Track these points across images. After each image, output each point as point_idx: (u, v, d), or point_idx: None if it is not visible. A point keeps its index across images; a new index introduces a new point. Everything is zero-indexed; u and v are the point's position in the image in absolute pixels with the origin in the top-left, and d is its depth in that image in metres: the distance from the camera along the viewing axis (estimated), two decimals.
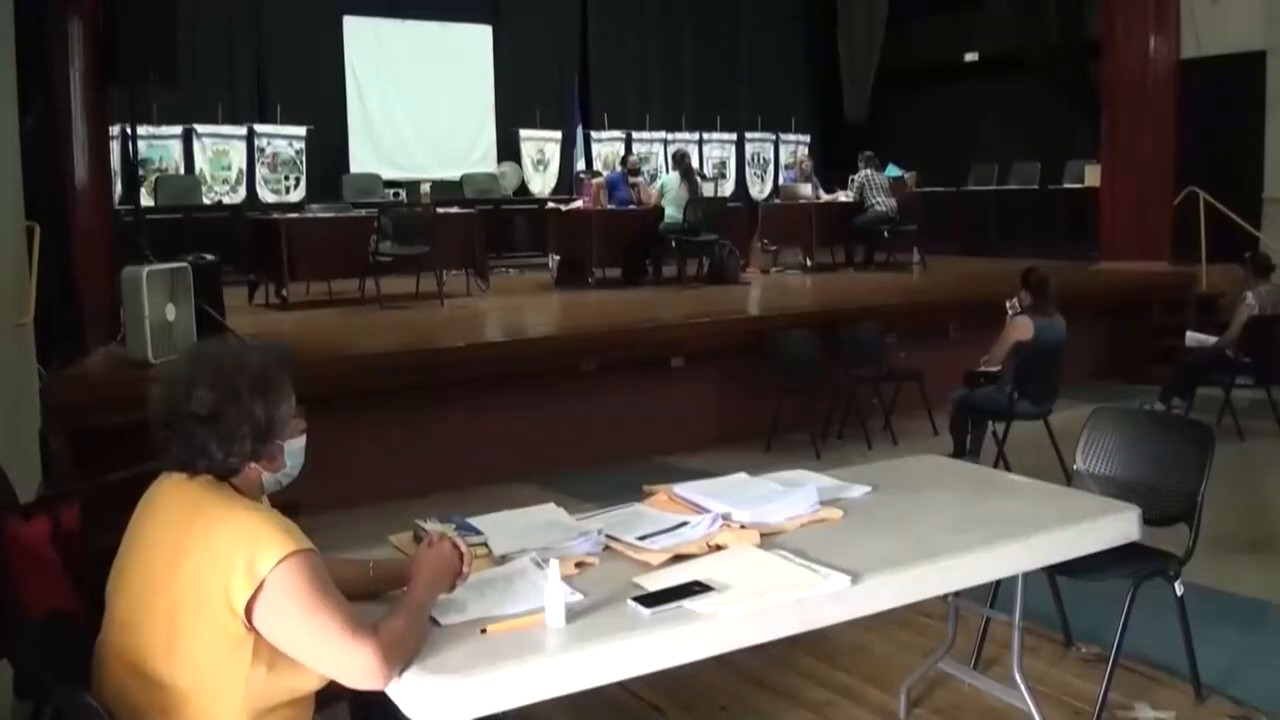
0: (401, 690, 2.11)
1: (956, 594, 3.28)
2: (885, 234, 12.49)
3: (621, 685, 2.33)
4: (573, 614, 2.31)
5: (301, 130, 13.45)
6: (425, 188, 11.99)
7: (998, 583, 3.22)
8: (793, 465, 3.45)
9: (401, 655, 2.12)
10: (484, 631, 2.26)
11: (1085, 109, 13.15)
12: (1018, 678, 3.28)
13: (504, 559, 2.64)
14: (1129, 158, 11.72)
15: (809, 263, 12.65)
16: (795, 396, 7.67)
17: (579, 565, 2.62)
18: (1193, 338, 8.41)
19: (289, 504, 5.74)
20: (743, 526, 2.81)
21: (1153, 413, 4.71)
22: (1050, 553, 2.98)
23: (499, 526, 2.84)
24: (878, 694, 3.83)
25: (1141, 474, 3.86)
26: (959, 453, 6.51)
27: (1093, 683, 3.72)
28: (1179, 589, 3.72)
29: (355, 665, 2.09)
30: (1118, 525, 3.06)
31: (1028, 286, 6.73)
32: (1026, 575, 3.13)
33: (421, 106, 14.55)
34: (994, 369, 6.68)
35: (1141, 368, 9.37)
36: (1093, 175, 12.93)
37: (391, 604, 2.28)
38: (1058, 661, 4.08)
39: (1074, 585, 3.84)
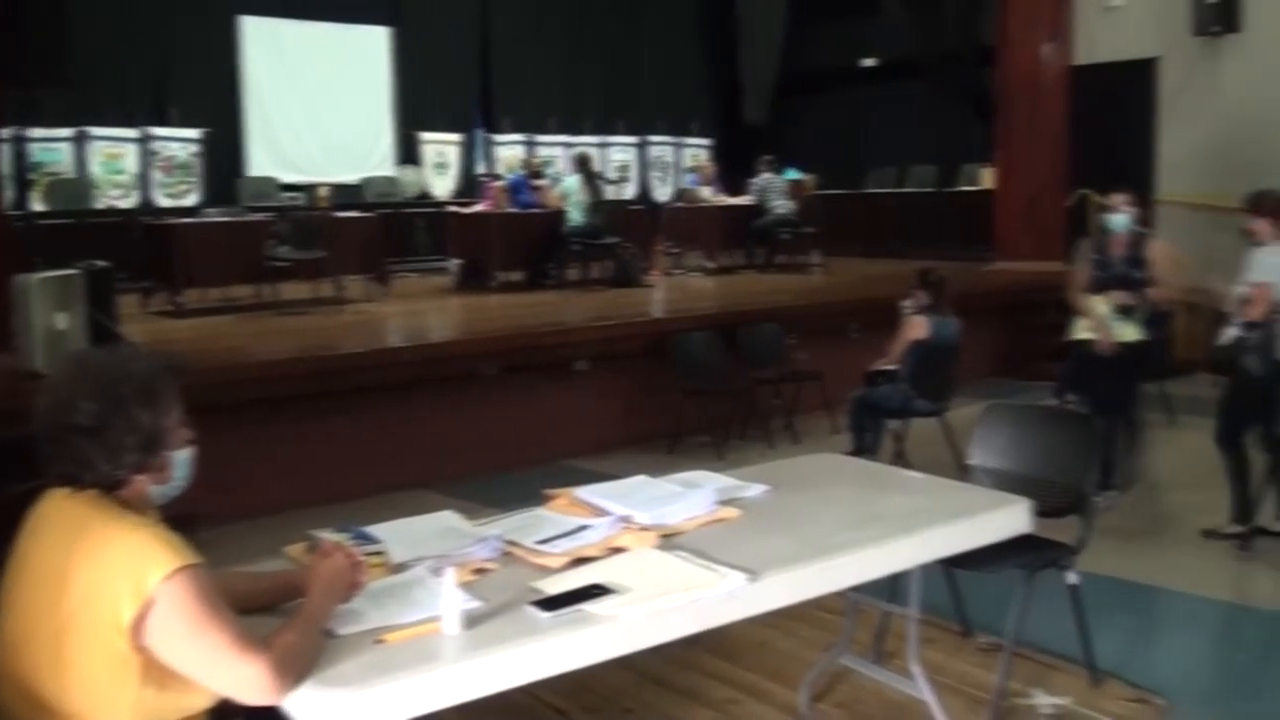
0: (297, 704, 2.07)
1: (855, 589, 3.32)
2: (785, 236, 12.64)
3: (524, 690, 2.31)
4: (471, 620, 2.30)
5: (197, 133, 13.14)
6: (323, 191, 11.82)
7: (896, 577, 3.27)
8: (696, 466, 3.48)
9: (295, 669, 2.09)
10: (380, 641, 2.23)
11: (980, 113, 13.43)
12: (915, 669, 3.34)
13: (402, 567, 2.62)
14: (1023, 161, 12.00)
15: (711, 265, 12.74)
16: (698, 398, 7.72)
17: (478, 571, 2.61)
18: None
19: (186, 515, 5.59)
20: (643, 528, 2.81)
21: (1045, 408, 4.83)
22: (944, 546, 3.04)
23: (396, 534, 2.81)
24: (780, 690, 3.87)
25: (1033, 468, 3.96)
26: (858, 450, 6.60)
27: (990, 672, 3.80)
28: (1071, 578, 3.83)
29: (246, 682, 2.05)
30: (1009, 518, 3.14)
31: (923, 287, 6.86)
32: (923, 569, 3.18)
33: (320, 109, 14.34)
34: (891, 368, 6.80)
35: (1035, 365, 9.60)
36: (988, 178, 13.23)
37: (287, 617, 2.24)
38: (956, 652, 4.17)
39: (971, 577, 3.94)
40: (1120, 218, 6.26)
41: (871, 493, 3.29)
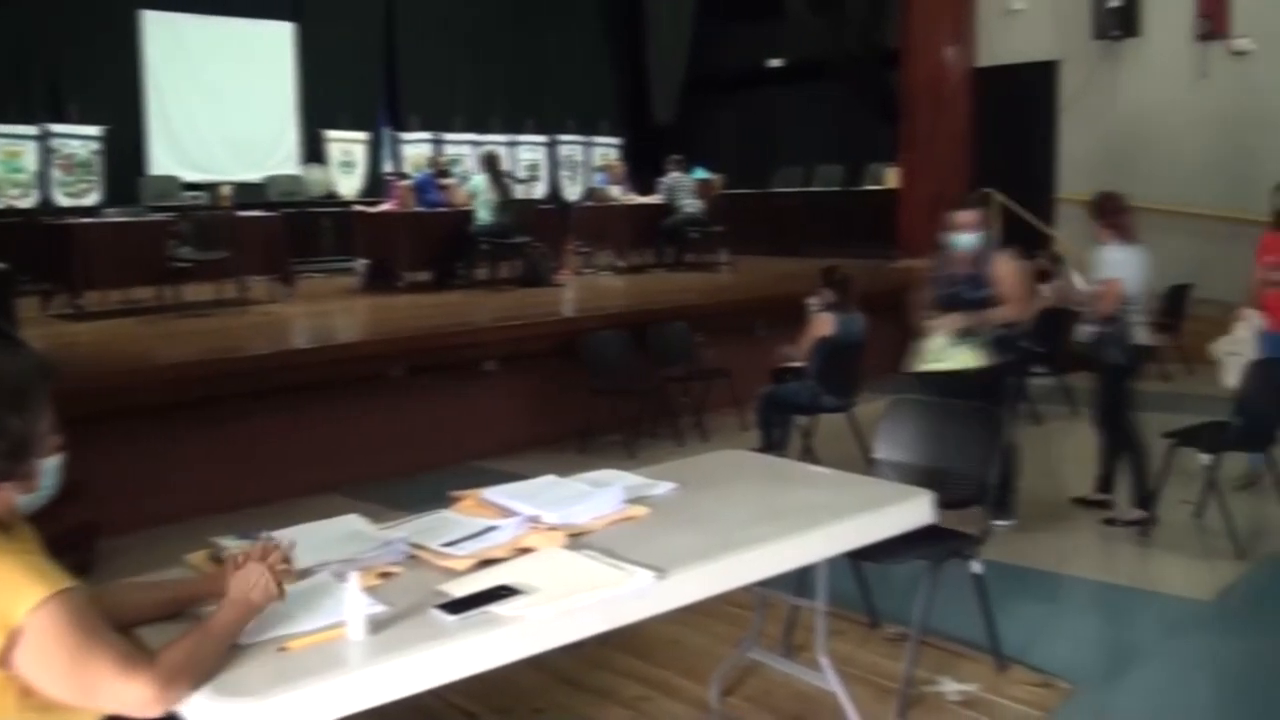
0: (196, 715, 2.03)
1: (763, 584, 3.35)
2: (694, 235, 12.71)
3: (434, 693, 2.29)
4: (376, 625, 2.27)
5: (97, 130, 12.75)
6: (226, 190, 11.59)
7: (804, 571, 3.30)
8: (607, 465, 3.48)
9: (187, 679, 2.04)
10: (284, 649, 2.20)
11: (885, 114, 13.64)
12: (823, 661, 3.38)
13: (306, 573, 2.57)
14: (927, 161, 12.21)
15: (621, 264, 12.76)
16: (608, 397, 7.72)
17: (383, 575, 2.58)
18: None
19: (88, 525, 5.48)
20: (550, 528, 2.81)
21: (948, 402, 4.92)
22: (850, 539, 3.08)
23: (300, 540, 2.75)
24: (692, 686, 3.88)
25: (938, 460, 4.04)
26: (766, 447, 6.66)
27: (898, 661, 3.86)
28: (975, 567, 3.91)
29: (129, 700, 2.01)
30: (913, 510, 3.21)
31: (828, 284, 6.94)
32: (830, 562, 3.22)
33: (223, 106, 14.05)
34: (798, 364, 6.87)
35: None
36: (893, 178, 13.44)
37: (190, 625, 2.20)
38: (864, 643, 4.23)
39: (878, 569, 4.00)
40: (965, 238, 5.63)
41: (778, 488, 3.32)
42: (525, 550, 2.69)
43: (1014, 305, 5.55)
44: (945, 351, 5.59)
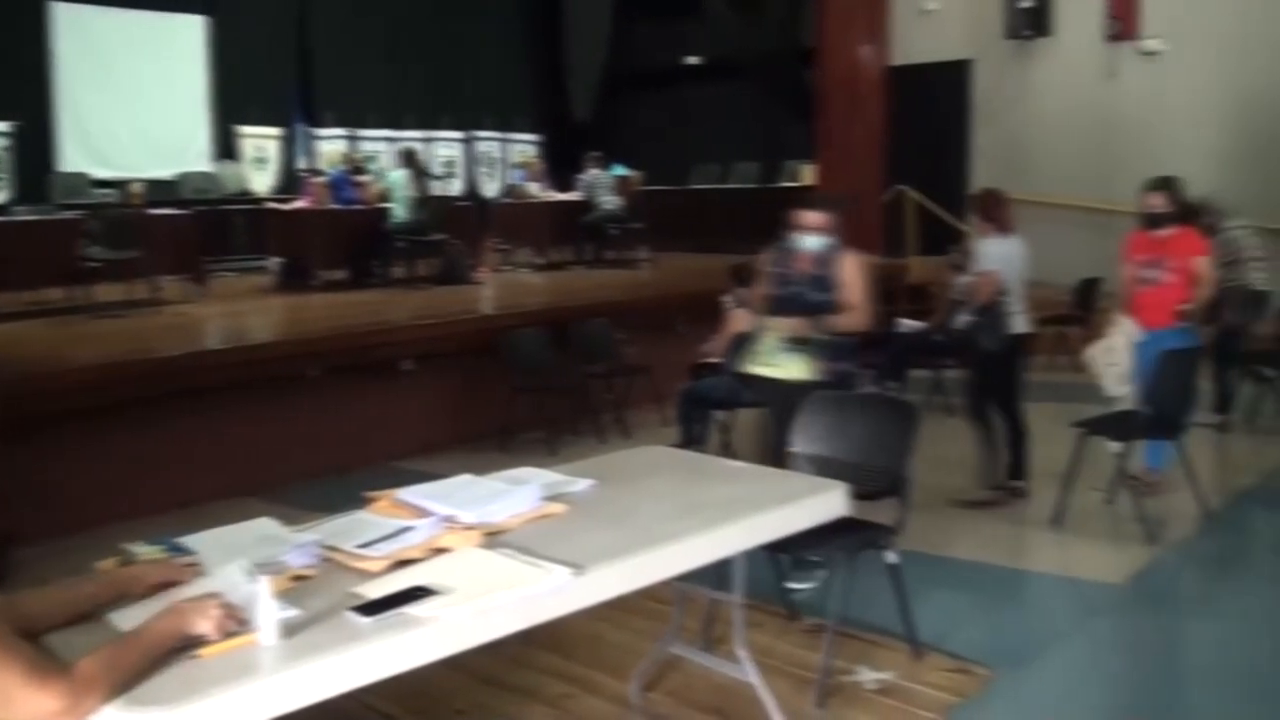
0: None
1: (683, 578, 3.36)
2: (613, 232, 12.72)
3: (351, 697, 2.27)
4: (289, 629, 2.24)
5: (5, 126, 12.38)
6: (137, 187, 11.34)
7: (723, 564, 3.32)
8: (528, 463, 3.46)
9: (101, 691, 2.00)
10: (195, 656, 2.16)
11: (801, 112, 13.77)
12: (741, 654, 3.41)
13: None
14: (842, 159, 12.33)
15: (540, 261, 12.72)
16: (529, 395, 7.70)
17: (296, 579, 2.54)
18: (904, 324, 8.94)
19: (2, 534, 5.32)
20: (467, 527, 2.79)
21: (864, 395, 5.00)
22: (765, 532, 3.11)
23: (212, 544, 2.72)
24: (614, 682, 3.89)
25: (853, 453, 4.09)
26: (687, 442, 6.68)
27: (817, 651, 3.90)
28: (890, 558, 3.97)
29: (39, 710, 1.97)
30: (827, 502, 3.25)
31: (739, 282, 6.99)
32: (747, 555, 3.25)
33: (134, 101, 13.70)
34: (717, 360, 6.90)
35: (857, 354, 9.88)
36: (809, 175, 13.56)
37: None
38: (782, 635, 4.27)
39: (796, 561, 4.04)
40: (811, 240, 5.24)
41: (696, 483, 3.34)
42: (441, 550, 2.67)
43: (858, 313, 5.16)
44: (776, 356, 5.19)
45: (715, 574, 3.56)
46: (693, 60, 16.80)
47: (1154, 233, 5.96)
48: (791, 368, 5.12)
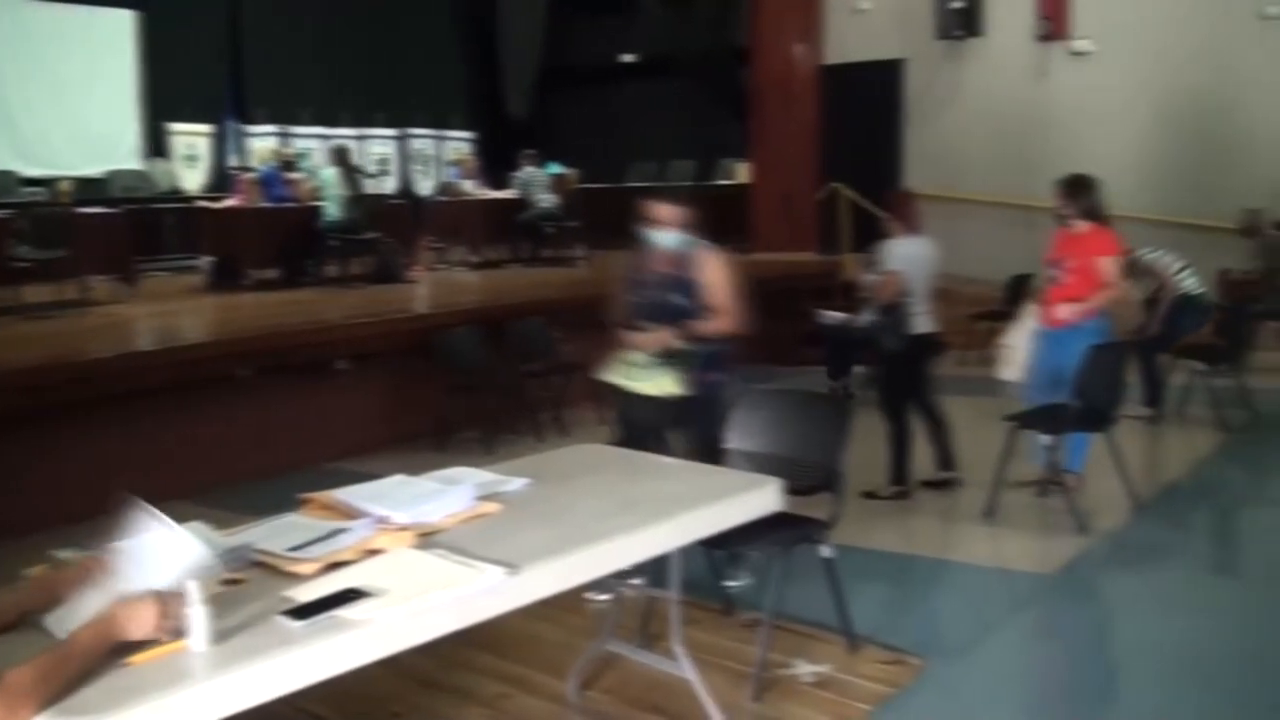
0: None
1: (619, 575, 3.37)
2: (549, 230, 12.70)
3: (286, 701, 2.24)
4: (220, 635, 2.22)
5: None
6: (66, 185, 11.14)
7: (660, 561, 3.33)
8: (465, 463, 3.45)
9: (34, 703, 1.96)
10: (126, 663, 2.13)
11: (736, 110, 13.84)
12: (678, 649, 3.43)
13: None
14: (777, 156, 12.45)
15: (475, 259, 12.67)
16: (465, 394, 7.66)
17: (227, 583, 2.51)
18: (825, 316, 9.00)
19: None
20: (401, 528, 2.78)
21: (798, 392, 5.03)
22: (700, 528, 3.13)
23: (141, 550, 2.67)
24: (551, 681, 3.88)
25: (787, 448, 4.12)
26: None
27: (753, 646, 3.92)
28: (825, 552, 4.00)
29: None
30: (761, 498, 3.28)
31: None
32: (683, 551, 3.26)
33: (63, 97, 13.46)
34: None
35: (792, 352, 9.96)
36: (744, 173, 13.64)
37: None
38: (719, 630, 4.29)
39: (732, 556, 4.06)
40: (665, 236, 4.81)
41: (632, 480, 3.35)
42: (374, 552, 2.65)
43: (726, 317, 4.72)
44: (645, 371, 4.76)
45: (653, 571, 3.57)
46: (628, 58, 16.82)
47: (1069, 231, 6.01)
48: (661, 382, 4.71)
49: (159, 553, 2.62)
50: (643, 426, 4.71)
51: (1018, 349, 6.15)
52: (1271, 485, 7.00)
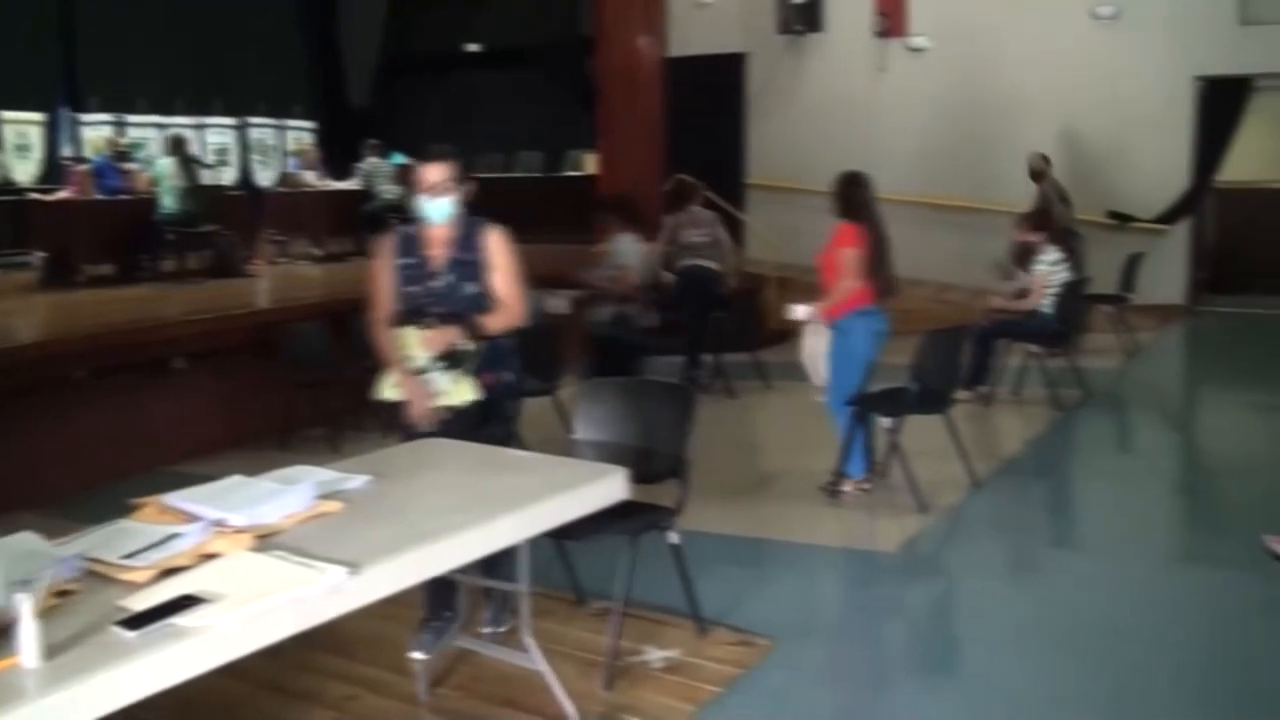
0: None
1: (465, 570, 3.37)
2: (394, 221, 12.48)
3: (126, 714, 2.19)
4: (52, 649, 2.15)
5: None
6: None
7: (508, 553, 3.34)
8: (310, 461, 3.40)
9: None
10: None
11: (584, 101, 13.85)
12: (528, 642, 3.45)
13: None
14: (623, 148, 12.48)
15: (318, 252, 12.43)
16: (309, 391, 7.53)
17: (60, 594, 2.44)
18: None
19: None
20: (238, 530, 2.73)
21: (642, 381, 5.08)
22: (546, 520, 3.15)
23: None
24: (400, 680, 3.86)
25: (634, 438, 4.18)
26: None
27: (604, 635, 3.96)
28: (672, 538, 4.07)
29: None
30: (607, 487, 3.32)
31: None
32: (531, 543, 3.28)
33: None
34: None
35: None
36: (591, 164, 13.67)
37: None
38: (570, 620, 4.32)
39: (581, 547, 4.10)
40: (438, 204, 4.05)
41: (477, 474, 3.36)
42: (211, 556, 2.60)
43: (514, 308, 4.07)
44: (436, 379, 4.03)
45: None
46: (474, 47, 16.68)
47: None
48: (458, 390, 3.97)
49: None
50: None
51: (816, 356, 6.19)
52: (1102, 460, 7.38)
